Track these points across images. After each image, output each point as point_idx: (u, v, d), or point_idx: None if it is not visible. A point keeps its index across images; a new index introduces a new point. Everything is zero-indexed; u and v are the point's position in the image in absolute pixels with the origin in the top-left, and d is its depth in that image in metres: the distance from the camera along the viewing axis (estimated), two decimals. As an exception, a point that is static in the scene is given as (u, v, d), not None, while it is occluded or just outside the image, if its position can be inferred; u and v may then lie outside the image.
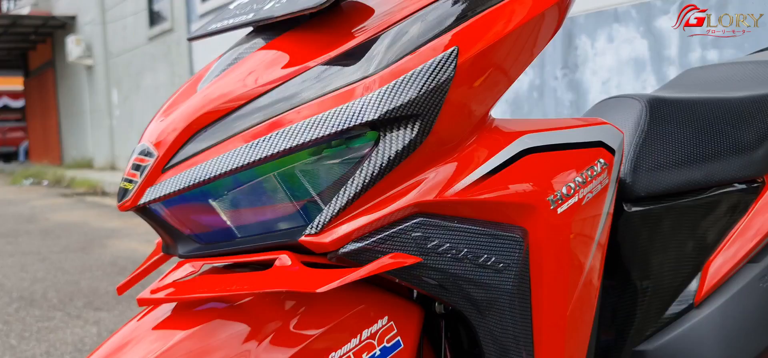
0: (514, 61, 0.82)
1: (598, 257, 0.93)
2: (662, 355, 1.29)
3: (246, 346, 0.77)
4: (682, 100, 1.34)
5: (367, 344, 0.84)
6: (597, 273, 0.93)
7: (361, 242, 0.75)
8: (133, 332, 0.79)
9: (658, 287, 1.28)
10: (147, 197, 0.77)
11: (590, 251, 0.90)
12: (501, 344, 0.84)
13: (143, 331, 0.78)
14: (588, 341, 0.94)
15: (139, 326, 0.80)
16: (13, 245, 5.82)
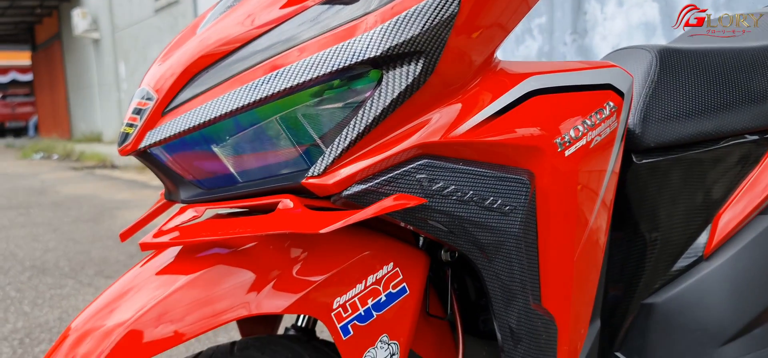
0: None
1: (606, 203, 0.91)
2: (670, 308, 1.28)
3: (249, 292, 0.77)
4: (693, 50, 1.31)
5: (372, 289, 0.84)
6: (605, 220, 0.92)
7: (365, 184, 0.74)
8: (136, 279, 0.79)
9: (667, 240, 1.27)
10: (147, 140, 0.76)
11: (598, 196, 0.89)
12: (507, 288, 0.83)
13: (146, 277, 0.78)
14: (595, 290, 0.93)
15: (141, 272, 0.80)
16: (24, 217, 5.87)
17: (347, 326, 0.81)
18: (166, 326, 0.72)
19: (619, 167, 0.93)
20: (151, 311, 0.73)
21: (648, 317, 1.29)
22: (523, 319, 0.85)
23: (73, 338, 0.73)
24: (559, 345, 0.88)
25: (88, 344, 0.71)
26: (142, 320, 0.72)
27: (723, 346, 1.25)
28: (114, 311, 0.74)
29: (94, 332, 0.72)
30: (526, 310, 0.85)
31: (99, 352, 0.70)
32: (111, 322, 0.73)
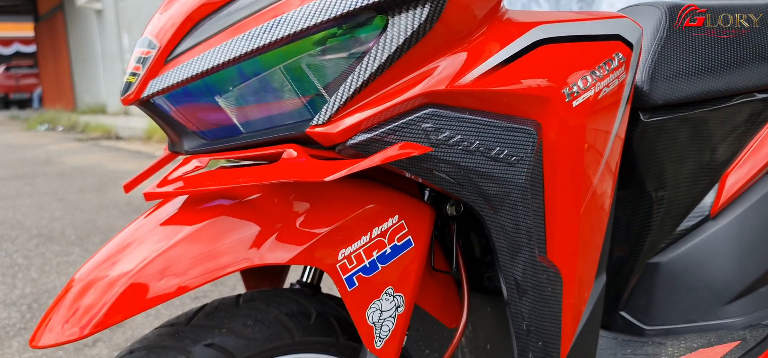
0: None
1: (613, 157, 0.91)
2: (676, 267, 1.28)
3: (253, 243, 0.76)
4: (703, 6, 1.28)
5: (377, 241, 0.83)
6: (612, 174, 0.91)
7: (370, 133, 0.73)
8: (139, 230, 0.78)
9: (673, 199, 1.26)
10: (150, 89, 0.76)
11: (605, 149, 0.88)
12: (513, 240, 0.83)
13: (149, 228, 0.78)
14: (601, 244, 0.92)
15: (144, 223, 0.79)
16: (30, 187, 5.90)
17: (352, 277, 0.81)
18: (168, 277, 0.72)
19: (626, 120, 0.92)
20: (153, 262, 0.72)
21: (653, 277, 1.29)
22: (528, 272, 0.85)
23: (76, 289, 0.73)
24: (564, 299, 0.88)
25: (91, 295, 0.71)
26: (145, 271, 0.72)
27: (728, 304, 1.25)
28: (117, 262, 0.74)
29: (97, 283, 0.72)
30: (531, 263, 0.84)
31: (102, 303, 0.70)
32: (114, 273, 0.73)
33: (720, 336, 1.21)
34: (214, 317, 0.82)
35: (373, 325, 0.83)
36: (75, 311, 0.70)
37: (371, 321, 0.83)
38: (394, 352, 0.86)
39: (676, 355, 1.20)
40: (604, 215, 0.91)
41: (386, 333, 0.85)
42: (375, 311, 0.83)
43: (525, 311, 0.86)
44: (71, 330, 0.69)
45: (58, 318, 0.71)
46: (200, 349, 0.78)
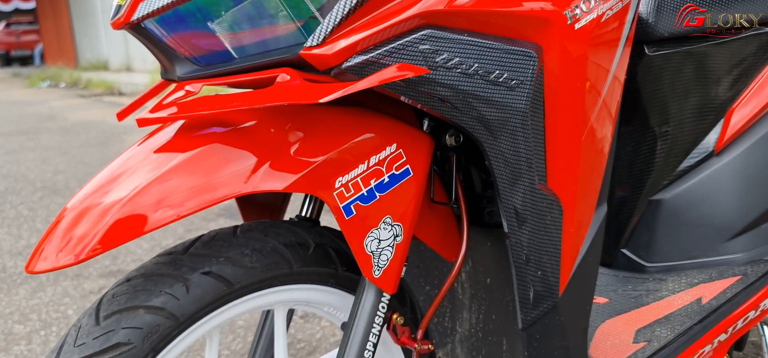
0: None
1: (615, 84, 0.88)
2: (678, 204, 1.27)
3: (248, 170, 0.75)
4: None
5: (375, 170, 0.82)
6: (614, 102, 0.89)
7: (366, 54, 0.71)
8: (132, 159, 0.77)
9: (677, 135, 1.25)
10: (140, 12, 0.74)
11: (608, 75, 0.86)
12: (513, 168, 0.81)
13: (141, 157, 0.77)
14: (603, 173, 0.91)
15: (137, 152, 0.78)
16: (34, 141, 5.90)
17: (350, 206, 0.80)
18: (161, 205, 0.71)
19: (630, 45, 0.90)
20: (146, 189, 0.72)
21: (655, 214, 1.28)
22: (528, 200, 0.83)
23: (69, 218, 0.72)
24: (564, 228, 0.87)
25: (84, 225, 0.70)
26: (138, 199, 0.71)
27: (729, 240, 1.25)
28: (110, 191, 0.74)
29: (90, 212, 0.71)
30: (531, 190, 0.83)
31: (95, 232, 0.69)
32: (107, 201, 0.72)
33: (721, 271, 1.21)
34: (212, 246, 0.81)
35: (371, 254, 0.83)
36: (68, 240, 0.70)
37: (369, 250, 0.83)
38: (392, 282, 0.86)
39: (677, 290, 1.20)
40: (606, 143, 0.90)
41: (384, 262, 0.84)
42: (373, 240, 0.83)
43: (524, 240, 0.86)
44: (66, 257, 0.69)
45: (52, 248, 0.71)
46: (198, 277, 0.78)
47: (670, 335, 1.09)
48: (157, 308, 0.75)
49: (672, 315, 1.13)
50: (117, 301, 0.75)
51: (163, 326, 0.75)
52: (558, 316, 0.91)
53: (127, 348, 0.73)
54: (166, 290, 0.76)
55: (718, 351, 1.16)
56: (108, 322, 0.74)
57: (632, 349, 1.08)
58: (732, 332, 1.14)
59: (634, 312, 1.16)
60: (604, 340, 1.11)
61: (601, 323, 1.15)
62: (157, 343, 0.75)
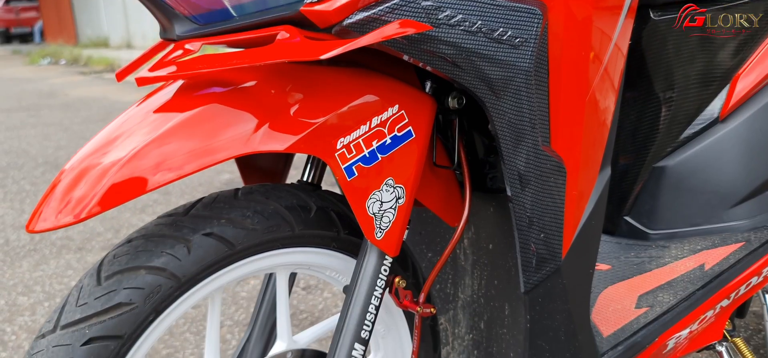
0: None
1: (620, 45, 0.87)
2: (682, 170, 1.26)
3: (248, 130, 0.75)
4: None
5: (377, 131, 0.81)
6: (619, 64, 0.88)
7: (368, 11, 0.70)
8: (130, 120, 0.77)
9: (682, 100, 1.23)
10: (138, -32, 0.73)
11: (613, 36, 0.85)
12: (516, 129, 0.81)
13: (140, 117, 0.76)
14: (607, 135, 0.90)
15: (136, 113, 0.78)
16: (35, 118, 5.89)
17: (352, 167, 0.80)
18: (161, 164, 0.70)
19: (635, 10, 0.89)
20: (145, 150, 0.71)
21: (659, 181, 1.28)
22: (531, 161, 0.83)
23: (67, 180, 0.72)
24: (567, 190, 0.86)
25: (82, 187, 0.70)
26: (136, 160, 0.70)
27: (733, 207, 1.24)
28: (108, 152, 0.73)
29: (88, 173, 0.71)
30: (535, 152, 0.82)
31: (93, 194, 0.69)
32: (106, 161, 0.71)
33: (724, 238, 1.20)
34: (213, 207, 0.81)
35: (373, 216, 0.83)
36: (67, 202, 0.69)
37: (371, 212, 0.82)
38: (394, 244, 0.85)
39: (680, 257, 1.19)
40: (611, 103, 0.89)
41: (387, 224, 0.84)
42: (375, 202, 0.82)
43: (527, 203, 0.85)
44: (65, 217, 0.69)
45: (51, 210, 0.70)
46: (199, 238, 0.78)
47: (672, 301, 1.09)
48: (158, 269, 0.75)
49: (674, 281, 1.13)
50: (118, 261, 0.75)
51: (165, 287, 0.75)
52: (560, 279, 0.90)
53: (128, 308, 0.73)
54: (167, 251, 0.76)
55: (720, 317, 1.16)
56: (109, 282, 0.74)
57: (634, 314, 1.08)
58: (734, 298, 1.14)
59: (637, 278, 1.16)
60: (607, 306, 1.11)
61: (603, 290, 1.15)
62: (158, 303, 0.75)
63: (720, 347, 1.19)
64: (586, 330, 0.96)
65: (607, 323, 1.06)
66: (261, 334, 1.01)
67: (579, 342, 0.96)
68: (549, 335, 0.94)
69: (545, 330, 0.94)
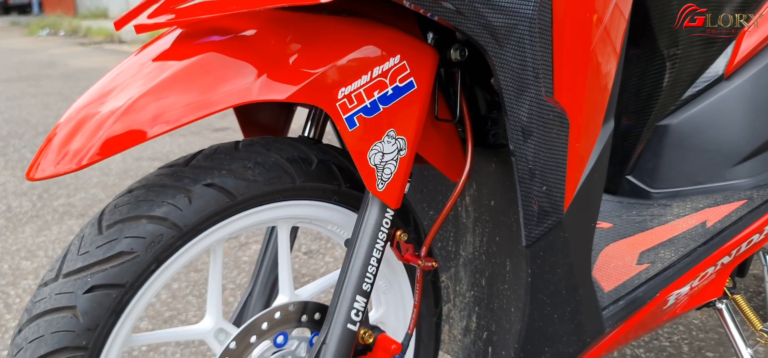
0: None
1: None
2: (685, 129, 1.26)
3: (248, 79, 0.74)
4: None
5: (378, 82, 0.81)
6: (623, 14, 0.87)
7: (369, -45, 0.69)
8: (129, 69, 0.76)
9: (686, 58, 1.22)
10: None
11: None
12: (519, 78, 0.80)
13: (139, 66, 0.75)
14: (610, 87, 0.89)
15: (135, 61, 0.77)
16: (35, 88, 5.87)
17: (353, 117, 0.79)
18: (157, 114, 0.70)
19: None
20: (142, 99, 0.70)
21: (662, 139, 1.27)
22: (534, 112, 0.82)
23: (64, 132, 0.71)
24: (570, 142, 0.86)
25: (79, 139, 0.69)
26: (133, 109, 0.70)
27: (736, 166, 1.23)
28: (105, 102, 0.72)
29: (85, 125, 0.70)
30: (537, 102, 0.82)
31: (90, 146, 0.68)
32: (103, 111, 0.71)
33: (726, 196, 1.20)
34: (214, 158, 0.81)
35: (374, 167, 0.82)
36: (64, 154, 0.69)
37: (373, 163, 0.82)
38: (396, 196, 0.85)
39: (682, 215, 1.19)
40: (615, 55, 0.87)
41: (388, 176, 0.83)
42: (377, 153, 0.82)
43: (529, 155, 0.85)
44: (64, 166, 0.69)
45: (48, 161, 0.70)
46: (200, 188, 0.77)
47: (673, 257, 1.09)
48: (159, 218, 0.75)
49: (676, 238, 1.13)
50: (119, 211, 0.75)
51: (166, 236, 0.75)
52: (562, 233, 0.90)
53: (130, 257, 0.73)
54: (168, 201, 0.76)
55: (721, 274, 1.16)
56: (110, 231, 0.74)
57: (635, 270, 1.08)
58: (735, 255, 1.14)
59: (638, 236, 1.16)
60: (608, 262, 1.11)
61: (604, 247, 1.15)
62: (160, 253, 0.75)
63: (720, 304, 1.20)
64: (587, 284, 0.96)
65: (608, 279, 1.07)
66: (263, 289, 1.02)
67: (580, 296, 0.96)
68: (550, 289, 0.94)
69: (546, 284, 0.94)
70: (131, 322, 0.76)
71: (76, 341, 0.71)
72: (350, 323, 0.85)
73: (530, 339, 0.98)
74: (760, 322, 1.21)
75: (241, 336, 0.83)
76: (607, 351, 1.09)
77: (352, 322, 0.86)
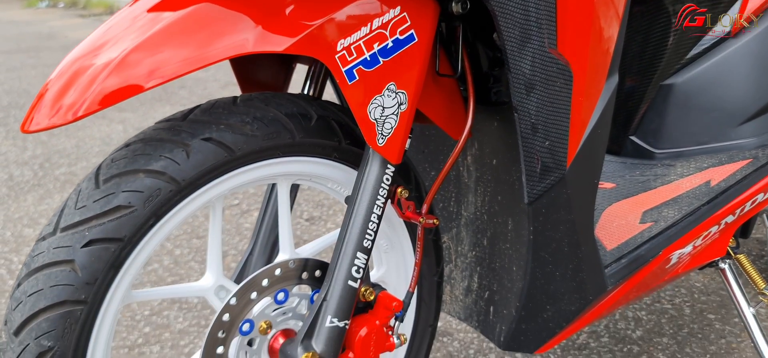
0: None
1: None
2: (691, 88, 1.24)
3: (245, 30, 0.72)
4: None
5: (378, 34, 0.79)
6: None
7: None
8: (124, 20, 0.74)
9: (693, 14, 1.20)
10: None
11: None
12: (523, 30, 0.78)
13: (134, 17, 0.74)
14: (615, 41, 0.87)
15: (129, 12, 0.75)
16: (35, 59, 5.83)
17: (352, 70, 0.78)
18: (151, 67, 0.69)
19: None
20: (135, 51, 0.69)
21: (666, 99, 1.25)
22: (537, 65, 0.81)
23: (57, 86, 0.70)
24: (573, 96, 0.84)
25: (72, 94, 0.68)
26: (126, 62, 0.68)
27: (741, 125, 1.22)
28: (99, 54, 0.71)
29: (78, 79, 0.69)
30: (541, 55, 0.80)
31: (83, 100, 0.67)
32: (98, 63, 0.70)
33: (731, 155, 1.19)
34: (212, 113, 0.80)
35: (374, 122, 0.81)
36: (59, 108, 0.68)
37: (373, 117, 0.81)
38: (396, 151, 0.84)
39: (686, 174, 1.18)
40: (620, 8, 0.86)
41: (389, 131, 0.82)
42: (377, 107, 0.81)
43: (532, 109, 0.83)
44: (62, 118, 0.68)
45: (42, 115, 0.69)
46: (198, 142, 0.76)
47: (677, 216, 1.08)
48: (157, 172, 0.74)
49: (680, 197, 1.12)
50: (116, 165, 0.74)
51: (164, 191, 0.74)
52: (565, 189, 0.89)
53: (127, 211, 0.72)
54: (165, 155, 0.75)
55: (724, 233, 1.15)
56: (108, 185, 0.73)
57: (638, 229, 1.07)
58: (739, 215, 1.13)
59: (642, 195, 1.15)
60: (611, 221, 1.10)
61: (607, 207, 1.15)
62: (158, 207, 0.74)
63: (723, 264, 1.19)
64: (589, 242, 0.95)
65: (611, 238, 1.06)
66: (263, 249, 1.01)
67: (582, 254, 0.95)
68: (552, 247, 0.94)
69: (548, 242, 0.93)
70: (130, 277, 0.75)
71: (75, 295, 0.70)
72: (351, 279, 0.85)
73: (532, 297, 0.97)
74: (764, 282, 1.21)
75: (241, 292, 0.83)
76: (609, 311, 1.09)
77: (353, 279, 0.85)
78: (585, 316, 1.00)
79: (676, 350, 1.42)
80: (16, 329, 0.70)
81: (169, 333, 1.57)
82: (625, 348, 1.43)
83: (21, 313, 0.70)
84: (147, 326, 1.59)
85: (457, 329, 1.54)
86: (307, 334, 0.84)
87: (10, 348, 0.71)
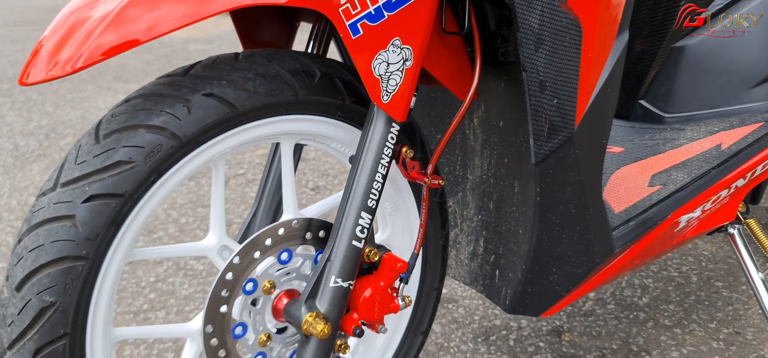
0: None
1: None
2: (702, 50, 1.21)
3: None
4: None
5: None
6: None
7: None
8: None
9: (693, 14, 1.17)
10: None
11: None
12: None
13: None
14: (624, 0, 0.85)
15: None
16: (39, 31, 5.81)
17: (356, 24, 0.76)
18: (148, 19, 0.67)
19: None
20: (133, 4, 0.68)
21: (677, 62, 1.23)
22: (546, 19, 0.79)
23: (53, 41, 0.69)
24: (583, 52, 0.82)
25: (69, 48, 0.67)
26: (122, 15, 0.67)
27: (754, 88, 1.20)
28: (94, 8, 0.70)
29: (75, 34, 0.68)
30: (550, 8, 0.78)
31: (80, 54, 0.66)
32: (95, 15, 0.68)
33: (743, 119, 1.17)
34: (213, 68, 0.78)
35: (379, 78, 0.79)
36: (55, 63, 0.67)
37: (378, 73, 0.79)
38: (401, 109, 0.82)
39: (696, 138, 1.16)
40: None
41: (393, 87, 0.81)
42: (381, 62, 0.79)
43: (541, 65, 0.81)
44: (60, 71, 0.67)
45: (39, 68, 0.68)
46: (199, 98, 0.75)
47: (686, 179, 1.07)
48: (158, 127, 0.73)
49: (689, 161, 1.10)
50: (117, 120, 0.73)
51: (165, 146, 0.73)
52: (573, 149, 0.88)
53: (128, 167, 0.71)
54: (166, 110, 0.73)
55: (735, 197, 1.13)
56: (108, 140, 0.72)
57: (647, 192, 1.06)
58: (750, 179, 1.11)
59: (651, 159, 1.13)
60: (619, 185, 1.09)
61: (615, 170, 1.13)
62: (159, 163, 0.73)
63: (732, 229, 1.18)
64: (597, 203, 0.94)
65: (619, 201, 1.04)
66: (267, 210, 1.00)
67: (590, 215, 0.94)
68: (559, 209, 0.92)
69: (556, 203, 0.92)
70: (132, 234, 0.75)
71: (76, 251, 0.70)
72: (355, 239, 0.84)
73: (538, 260, 0.96)
74: (773, 247, 1.19)
75: (244, 251, 0.82)
76: (615, 275, 1.08)
77: (358, 238, 0.84)
78: (591, 279, 0.99)
79: (682, 317, 1.41)
80: (18, 284, 0.70)
81: (175, 299, 1.57)
82: (631, 315, 1.43)
83: (22, 268, 0.70)
84: (152, 292, 1.60)
85: (462, 295, 1.53)
86: (311, 294, 0.83)
87: (12, 303, 0.70)
